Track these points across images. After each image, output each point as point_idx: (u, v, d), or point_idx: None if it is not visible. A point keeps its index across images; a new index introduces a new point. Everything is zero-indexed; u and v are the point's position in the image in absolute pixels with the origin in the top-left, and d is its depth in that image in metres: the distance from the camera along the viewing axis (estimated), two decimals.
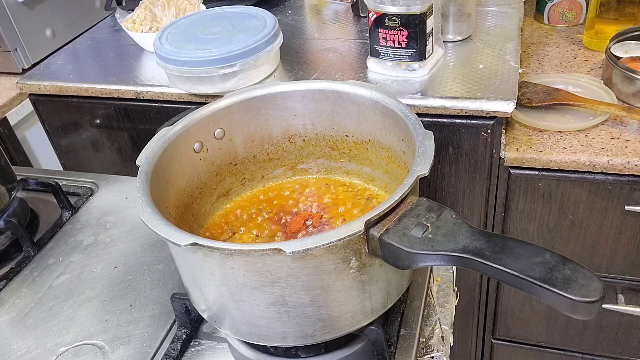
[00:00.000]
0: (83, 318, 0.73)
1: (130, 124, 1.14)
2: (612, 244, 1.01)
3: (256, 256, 0.50)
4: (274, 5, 1.34)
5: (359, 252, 0.52)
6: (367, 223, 0.50)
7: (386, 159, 0.69)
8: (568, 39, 1.23)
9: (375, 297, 0.56)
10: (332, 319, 0.56)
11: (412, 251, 0.49)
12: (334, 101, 0.70)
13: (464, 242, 0.47)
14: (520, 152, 0.94)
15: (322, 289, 0.53)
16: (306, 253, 0.49)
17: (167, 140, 0.65)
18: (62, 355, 0.69)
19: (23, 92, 1.18)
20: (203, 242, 0.50)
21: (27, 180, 0.94)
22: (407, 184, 0.53)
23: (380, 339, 0.60)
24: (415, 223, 0.51)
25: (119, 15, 1.28)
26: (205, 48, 0.97)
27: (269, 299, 0.53)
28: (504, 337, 1.25)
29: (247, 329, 0.58)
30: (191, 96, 1.04)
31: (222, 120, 0.71)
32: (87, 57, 1.22)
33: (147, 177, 0.60)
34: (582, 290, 0.40)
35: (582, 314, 0.41)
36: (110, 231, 0.87)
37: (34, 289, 0.78)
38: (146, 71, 1.12)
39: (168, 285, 0.76)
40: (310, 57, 1.10)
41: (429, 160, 0.55)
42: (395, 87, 0.97)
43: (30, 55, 1.30)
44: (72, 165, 1.27)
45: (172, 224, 0.53)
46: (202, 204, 0.72)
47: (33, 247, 0.84)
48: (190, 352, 0.68)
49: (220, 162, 0.73)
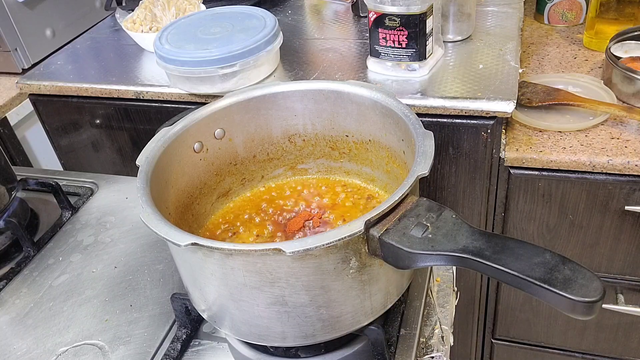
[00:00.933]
0: (83, 318, 0.73)
1: (130, 124, 1.14)
2: (612, 244, 1.01)
3: (256, 256, 0.50)
4: (274, 5, 1.34)
5: (359, 252, 0.52)
6: (367, 223, 0.50)
7: (386, 159, 0.69)
8: (568, 39, 1.23)
9: (375, 297, 0.56)
10: (332, 319, 0.56)
11: (412, 251, 0.49)
12: (334, 101, 0.70)
13: (464, 242, 0.47)
14: (520, 152, 0.94)
15: (322, 289, 0.53)
16: (306, 253, 0.49)
17: (167, 140, 0.65)
18: (62, 355, 0.69)
19: (23, 92, 1.18)
20: (203, 242, 0.50)
21: (27, 180, 0.94)
22: (407, 184, 0.53)
23: (380, 339, 0.60)
24: (415, 223, 0.51)
25: (119, 15, 1.28)
26: (205, 48, 0.97)
27: (269, 299, 0.53)
28: (504, 337, 1.25)
29: (247, 329, 0.58)
30: (191, 96, 1.04)
31: (222, 120, 0.71)
32: (87, 57, 1.22)
33: (147, 177, 0.60)
34: (582, 290, 0.40)
35: (582, 314, 0.41)
36: (110, 231, 0.87)
37: (34, 289, 0.78)
38: (146, 71, 1.12)
39: (168, 285, 0.76)
40: (310, 57, 1.10)
41: (429, 160, 0.55)
42: (395, 87, 0.97)
43: (30, 55, 1.30)
44: (72, 165, 1.27)
45: (172, 224, 0.53)
46: (202, 204, 0.72)
47: (33, 247, 0.84)
48: (190, 352, 0.68)
49: (220, 162, 0.73)
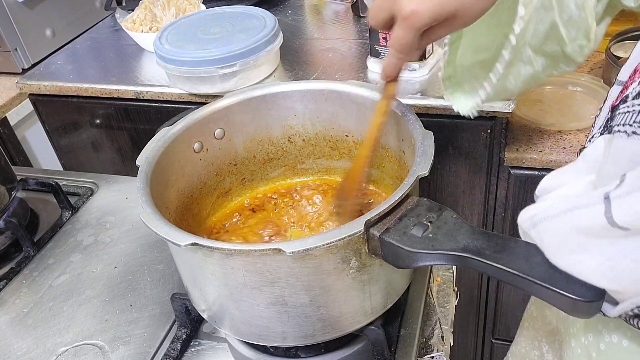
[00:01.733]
0: (83, 318, 0.73)
1: (130, 124, 1.14)
2: None
3: (256, 256, 0.50)
4: (274, 5, 1.34)
5: (359, 252, 0.52)
6: (367, 223, 0.50)
7: (386, 159, 0.69)
8: None
9: (375, 297, 0.56)
10: (332, 319, 0.56)
11: (413, 250, 0.48)
12: (334, 101, 0.70)
13: (465, 242, 0.47)
14: (520, 152, 0.94)
15: (322, 289, 0.53)
16: (306, 253, 0.49)
17: (167, 140, 0.65)
18: (62, 355, 0.69)
19: (23, 92, 1.18)
20: (203, 242, 0.50)
21: (27, 180, 0.94)
22: (407, 184, 0.53)
23: (380, 339, 0.60)
24: (416, 222, 0.50)
25: (119, 15, 1.28)
26: (205, 48, 0.97)
27: (268, 299, 0.53)
28: (504, 337, 1.25)
29: (247, 329, 0.58)
30: (191, 96, 1.04)
31: (222, 120, 0.71)
32: (87, 57, 1.22)
33: (147, 177, 0.60)
34: (582, 290, 0.40)
35: (582, 313, 0.41)
36: (110, 231, 0.86)
37: (34, 289, 0.78)
38: (146, 71, 1.12)
39: (168, 285, 0.76)
40: (310, 57, 1.10)
41: (429, 160, 0.55)
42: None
43: (30, 55, 1.30)
44: (72, 165, 1.27)
45: (172, 224, 0.53)
46: (202, 204, 0.72)
47: (33, 247, 0.84)
48: (190, 352, 0.68)
49: (220, 162, 0.73)
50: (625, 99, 0.42)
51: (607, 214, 0.35)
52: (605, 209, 0.35)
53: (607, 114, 0.45)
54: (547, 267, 0.42)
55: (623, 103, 0.42)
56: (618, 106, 0.43)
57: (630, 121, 0.38)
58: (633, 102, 0.40)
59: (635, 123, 0.38)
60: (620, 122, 0.40)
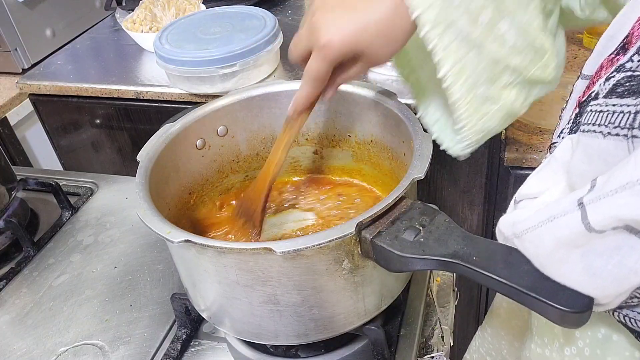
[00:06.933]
0: (83, 318, 0.73)
1: (130, 124, 1.14)
2: None
3: (248, 255, 0.50)
4: (274, 5, 1.33)
5: (352, 253, 0.51)
6: (359, 225, 0.49)
7: (388, 160, 0.69)
8: (568, 39, 1.22)
9: (368, 298, 0.56)
10: (325, 319, 0.56)
11: (403, 255, 0.48)
12: (336, 101, 0.70)
13: (455, 247, 0.46)
14: (520, 152, 0.94)
15: (314, 289, 0.53)
16: (297, 253, 0.49)
17: (169, 137, 0.65)
18: (62, 355, 0.68)
19: (23, 92, 1.18)
20: (196, 239, 0.50)
21: (27, 180, 0.94)
22: (402, 187, 0.52)
23: (381, 338, 0.60)
24: (408, 226, 0.50)
25: (119, 15, 1.28)
26: (205, 48, 0.97)
27: (261, 297, 0.53)
28: None
29: (241, 326, 0.58)
30: (191, 96, 1.04)
31: (225, 118, 0.71)
32: (87, 57, 1.22)
33: (146, 172, 0.60)
34: (570, 300, 0.38)
35: (571, 323, 0.40)
36: (110, 231, 0.86)
37: (34, 289, 0.78)
38: (146, 71, 1.12)
39: (168, 285, 0.76)
40: None
41: (426, 163, 0.55)
42: (395, 87, 0.97)
43: (30, 55, 1.29)
44: (72, 165, 1.27)
45: (169, 220, 0.53)
46: (204, 201, 0.72)
47: (33, 247, 0.84)
48: (190, 352, 0.68)
49: (222, 159, 0.73)
50: (596, 96, 0.41)
51: (584, 220, 0.35)
52: (582, 216, 0.35)
53: (574, 109, 0.45)
54: (536, 275, 0.40)
55: (594, 100, 0.41)
56: (588, 102, 0.42)
57: (605, 122, 0.38)
58: (606, 100, 0.39)
59: (610, 124, 0.37)
60: (593, 121, 0.39)
